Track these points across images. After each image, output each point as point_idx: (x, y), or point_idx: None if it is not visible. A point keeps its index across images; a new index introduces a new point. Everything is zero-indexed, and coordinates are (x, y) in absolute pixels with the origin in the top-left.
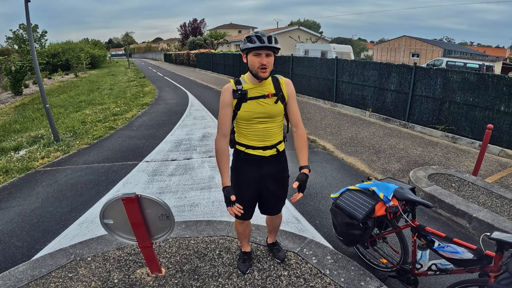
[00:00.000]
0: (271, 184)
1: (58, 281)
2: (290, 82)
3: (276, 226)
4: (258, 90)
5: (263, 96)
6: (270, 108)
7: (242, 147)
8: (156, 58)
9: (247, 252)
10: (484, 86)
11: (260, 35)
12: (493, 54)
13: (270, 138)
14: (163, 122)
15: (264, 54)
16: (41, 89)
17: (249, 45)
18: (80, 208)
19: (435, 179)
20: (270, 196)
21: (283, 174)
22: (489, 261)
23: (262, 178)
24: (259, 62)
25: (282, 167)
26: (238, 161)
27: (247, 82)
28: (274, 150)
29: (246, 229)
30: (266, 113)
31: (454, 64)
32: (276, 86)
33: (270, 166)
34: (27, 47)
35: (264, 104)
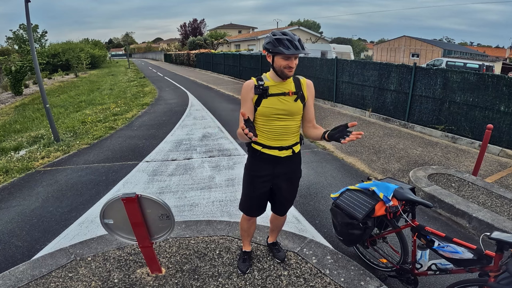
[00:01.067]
0: (283, 183)
1: (58, 280)
2: (311, 84)
3: (280, 226)
4: (279, 87)
5: (283, 94)
6: (290, 106)
7: (259, 146)
8: (156, 58)
9: (247, 251)
10: (484, 86)
11: (291, 39)
12: (493, 54)
13: (288, 138)
14: (163, 122)
15: (293, 57)
16: (41, 89)
17: (281, 50)
18: (80, 208)
19: (435, 179)
20: (281, 194)
21: (296, 175)
22: (489, 261)
23: (275, 177)
24: (288, 65)
25: (295, 167)
26: (253, 160)
27: (268, 80)
28: (290, 151)
29: (251, 227)
30: (286, 110)
31: (454, 64)
32: (297, 85)
33: (284, 166)
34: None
35: (284, 101)
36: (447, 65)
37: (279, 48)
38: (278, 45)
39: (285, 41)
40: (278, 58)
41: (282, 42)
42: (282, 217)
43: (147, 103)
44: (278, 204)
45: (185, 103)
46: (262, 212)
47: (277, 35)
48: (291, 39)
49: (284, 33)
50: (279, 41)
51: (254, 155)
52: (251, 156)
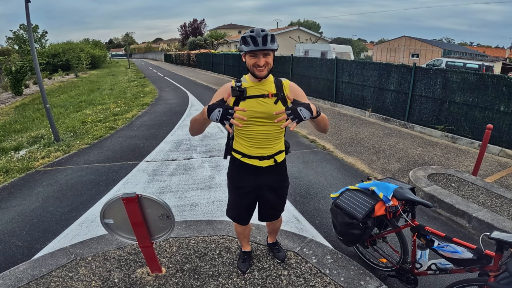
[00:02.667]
0: (268, 194)
1: (59, 280)
2: (295, 85)
3: (276, 229)
4: (258, 89)
5: (262, 95)
6: (270, 108)
7: (238, 155)
8: (156, 58)
9: (247, 251)
10: (483, 86)
11: (255, 36)
12: (493, 54)
13: (269, 145)
14: (163, 122)
15: (261, 55)
16: (41, 89)
17: (243, 48)
18: (81, 208)
19: (434, 179)
20: (268, 205)
21: (281, 184)
22: (488, 261)
23: (259, 187)
24: (256, 63)
25: (280, 178)
26: (234, 169)
27: (247, 81)
28: (272, 160)
29: (245, 230)
30: (265, 112)
31: (454, 65)
32: (278, 86)
33: (267, 177)
34: (28, 47)
35: (263, 103)
36: (447, 65)
37: (242, 46)
38: (242, 43)
39: (248, 38)
40: (246, 56)
41: (245, 39)
42: (277, 221)
43: (147, 103)
44: (268, 214)
45: (185, 103)
46: (248, 222)
47: (245, 34)
48: (255, 35)
49: (252, 30)
50: (243, 39)
51: (234, 164)
52: (231, 165)
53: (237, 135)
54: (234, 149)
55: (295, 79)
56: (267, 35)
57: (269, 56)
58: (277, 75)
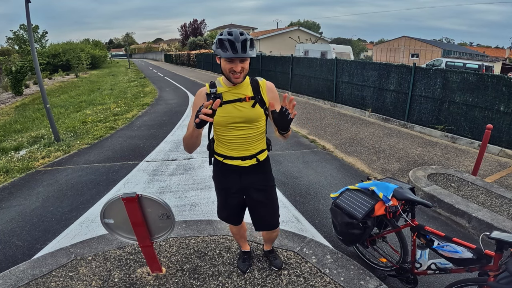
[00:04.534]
0: (254, 193)
1: (59, 280)
2: (272, 86)
3: (273, 238)
4: (234, 93)
5: (239, 100)
6: (247, 112)
7: (220, 157)
8: (156, 58)
9: (247, 251)
10: (483, 86)
11: (234, 40)
12: (493, 54)
13: (250, 147)
14: (163, 122)
15: (238, 60)
16: (41, 89)
17: (220, 53)
18: (81, 208)
19: (434, 178)
20: (257, 206)
21: (266, 183)
22: (488, 261)
23: (244, 188)
24: (232, 68)
25: (264, 177)
26: (217, 172)
27: (222, 85)
28: (254, 160)
29: (240, 230)
30: (243, 117)
31: (454, 65)
32: (255, 88)
33: (251, 177)
34: (28, 48)
35: (240, 108)
36: (446, 65)
37: (218, 50)
38: (218, 47)
39: (225, 42)
40: (222, 60)
41: (222, 43)
42: (274, 232)
43: (147, 103)
44: (262, 218)
45: (185, 103)
46: (240, 222)
47: (222, 35)
48: (233, 40)
49: (230, 32)
50: (220, 42)
51: (217, 166)
52: (214, 168)
53: (217, 139)
54: (216, 152)
55: (295, 79)
56: (246, 39)
57: (246, 62)
58: (277, 75)
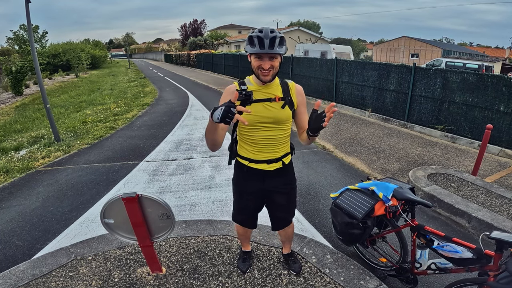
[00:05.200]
0: (277, 196)
1: (59, 280)
2: (301, 90)
3: (290, 235)
4: (264, 92)
5: (269, 99)
6: (277, 113)
7: (245, 161)
8: (156, 58)
9: (247, 251)
10: (483, 86)
11: (263, 37)
12: (493, 54)
13: (276, 149)
14: (163, 122)
15: (266, 58)
16: (41, 89)
17: (249, 49)
18: (81, 208)
19: (434, 178)
20: (277, 209)
21: (289, 186)
22: (488, 260)
23: (267, 192)
24: (261, 66)
25: (288, 180)
26: (240, 175)
27: (252, 84)
28: (280, 163)
29: (247, 232)
30: (272, 117)
31: (454, 65)
32: (285, 90)
33: (274, 180)
34: (28, 48)
35: (270, 108)
36: (446, 65)
37: (247, 46)
38: (248, 43)
39: (255, 38)
40: (251, 57)
41: (252, 39)
42: (289, 227)
43: (147, 103)
44: (279, 220)
45: (185, 103)
46: (255, 226)
47: (253, 32)
48: (263, 36)
49: (260, 30)
50: (250, 39)
51: (241, 170)
52: (237, 171)
53: (241, 140)
54: (239, 154)
55: (295, 79)
56: (276, 37)
57: (276, 60)
58: (277, 75)
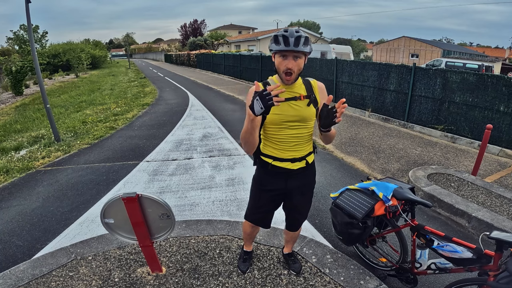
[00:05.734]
0: (296, 197)
1: (59, 280)
2: (323, 87)
3: (295, 236)
4: (289, 91)
5: (294, 98)
6: (303, 111)
7: (269, 159)
8: (156, 58)
9: (248, 251)
10: (483, 87)
11: (288, 36)
12: (493, 54)
13: (301, 148)
14: (163, 122)
15: (291, 56)
16: (41, 89)
17: (273, 47)
18: (81, 208)
19: (434, 178)
20: (294, 209)
21: (310, 187)
22: (488, 260)
23: (288, 191)
24: (285, 66)
25: (310, 180)
26: (263, 173)
27: (276, 83)
28: (304, 162)
29: (254, 231)
30: (298, 116)
31: (454, 65)
32: (308, 88)
33: (297, 180)
34: (28, 48)
35: (295, 106)
36: (446, 65)
37: (272, 44)
38: (273, 42)
39: (280, 37)
40: (277, 57)
41: (277, 38)
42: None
43: (147, 103)
44: (292, 220)
45: (185, 103)
46: (269, 226)
47: (278, 32)
48: (288, 35)
49: (286, 30)
50: (275, 38)
51: (264, 168)
52: (260, 169)
53: (265, 139)
54: (263, 153)
55: None
56: (301, 36)
57: (300, 60)
58: None
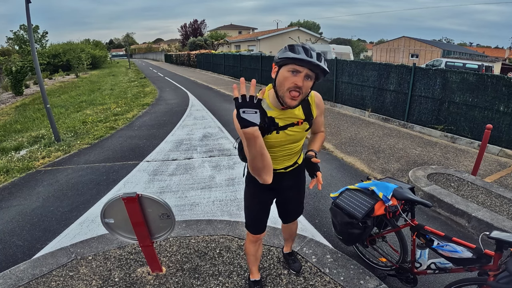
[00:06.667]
0: (290, 192)
1: (59, 279)
2: (320, 98)
3: (294, 232)
4: (286, 117)
5: (291, 125)
6: (300, 135)
7: None
8: (156, 58)
9: (257, 280)
10: (483, 87)
11: (308, 48)
12: (492, 54)
13: (292, 158)
14: (163, 122)
15: (303, 73)
16: (42, 89)
17: (289, 55)
18: (81, 208)
19: (434, 178)
20: (290, 203)
21: (302, 181)
22: (488, 260)
23: (281, 190)
24: (293, 83)
25: (302, 175)
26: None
27: (271, 108)
28: (296, 165)
29: (258, 250)
30: (293, 139)
31: (453, 65)
32: (306, 108)
33: (290, 179)
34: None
35: (293, 133)
36: (446, 65)
37: (287, 52)
38: (288, 50)
39: (298, 47)
40: (284, 71)
41: (293, 47)
42: (294, 223)
43: (147, 103)
44: (290, 212)
45: (185, 103)
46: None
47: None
48: (308, 48)
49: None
50: (291, 47)
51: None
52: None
53: None
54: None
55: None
56: (321, 54)
57: (310, 82)
58: None
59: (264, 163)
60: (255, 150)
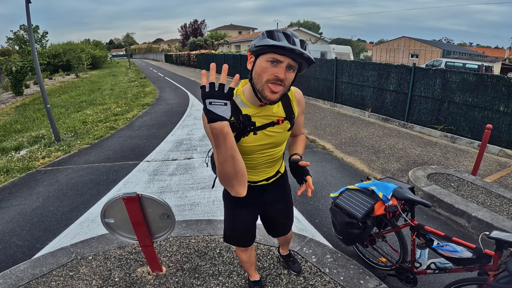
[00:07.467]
0: (275, 205)
1: (59, 279)
2: (301, 95)
3: (288, 239)
4: (264, 115)
5: (271, 124)
6: (280, 137)
7: None
8: (156, 58)
9: (256, 281)
10: (483, 87)
11: (290, 34)
12: (492, 54)
13: (274, 167)
14: (163, 122)
15: (285, 63)
16: (42, 90)
17: (268, 42)
18: (81, 208)
19: (434, 178)
20: (277, 218)
21: (287, 191)
22: (488, 260)
23: (265, 205)
24: (274, 75)
25: (285, 185)
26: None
27: (247, 105)
28: (278, 175)
29: (251, 256)
30: (274, 143)
31: (453, 65)
32: (286, 105)
33: (273, 191)
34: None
35: (272, 133)
36: (446, 65)
37: (265, 39)
38: (266, 36)
39: (278, 33)
40: (262, 61)
41: (272, 34)
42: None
43: (147, 103)
44: (279, 226)
45: (185, 103)
46: (253, 242)
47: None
48: (290, 34)
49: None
50: (269, 33)
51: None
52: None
53: None
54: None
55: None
56: (304, 41)
57: (292, 73)
58: None
59: (236, 168)
60: (225, 151)
